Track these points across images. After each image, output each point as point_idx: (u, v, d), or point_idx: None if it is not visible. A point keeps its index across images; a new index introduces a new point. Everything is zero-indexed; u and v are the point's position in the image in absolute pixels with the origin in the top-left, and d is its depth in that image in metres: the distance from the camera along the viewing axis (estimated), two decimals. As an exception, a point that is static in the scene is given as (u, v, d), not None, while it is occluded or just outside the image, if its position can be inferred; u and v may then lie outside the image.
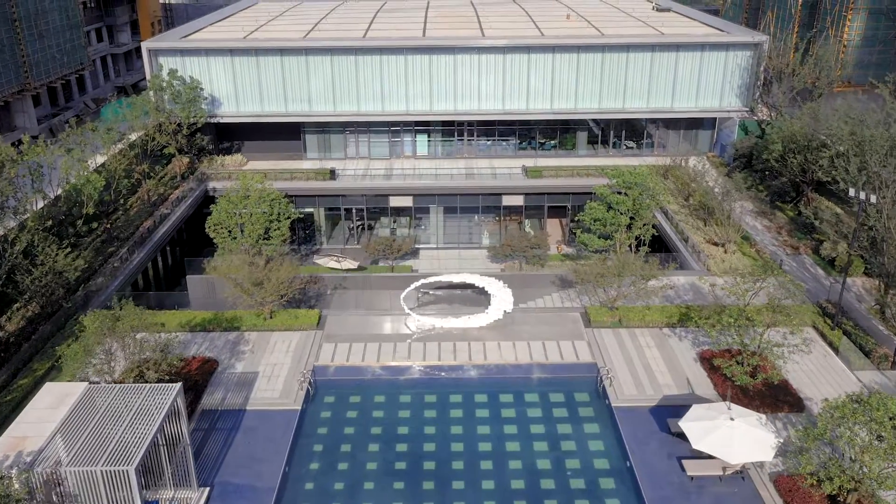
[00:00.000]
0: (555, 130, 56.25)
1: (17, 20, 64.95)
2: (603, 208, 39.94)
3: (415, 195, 51.72)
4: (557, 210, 53.16)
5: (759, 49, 51.67)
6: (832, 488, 21.16)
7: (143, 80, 54.49)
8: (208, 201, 46.57)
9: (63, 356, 25.63)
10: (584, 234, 40.69)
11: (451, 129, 55.84)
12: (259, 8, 70.09)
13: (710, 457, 23.79)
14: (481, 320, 33.62)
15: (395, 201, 52.14)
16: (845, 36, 72.05)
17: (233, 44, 52.33)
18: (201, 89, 50.82)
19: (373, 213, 53.44)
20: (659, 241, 44.53)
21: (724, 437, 22.96)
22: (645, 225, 38.99)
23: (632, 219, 39.28)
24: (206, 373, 29.63)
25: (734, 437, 22.86)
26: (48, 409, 21.49)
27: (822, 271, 38.56)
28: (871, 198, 30.46)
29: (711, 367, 29.56)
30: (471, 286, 36.37)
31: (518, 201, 52.24)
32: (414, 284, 35.67)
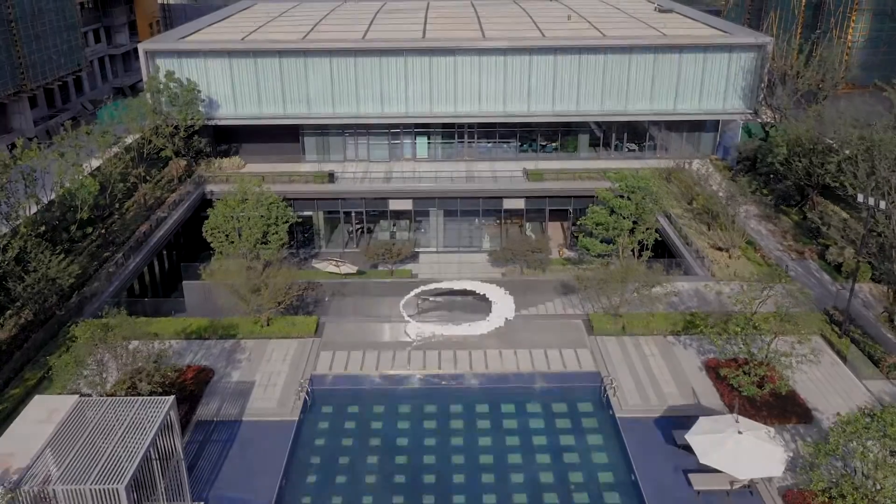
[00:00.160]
0: (556, 133, 55.66)
1: (14, 21, 64.37)
2: (605, 212, 39.34)
3: (414, 198, 51.13)
4: (559, 213, 52.57)
5: (763, 51, 51.05)
6: (844, 506, 20.57)
7: (140, 81, 53.85)
8: (206, 205, 45.95)
9: (53, 368, 25.02)
10: (586, 238, 40.07)
11: (452, 132, 55.24)
12: (257, 9, 69.47)
13: (718, 470, 23.18)
14: (482, 328, 33.02)
15: (394, 204, 51.57)
16: (850, 37, 71.43)
17: (231, 45, 51.71)
18: (199, 91, 50.21)
19: (372, 216, 52.86)
20: (662, 246, 43.92)
21: (732, 451, 22.35)
22: (648, 229, 38.39)
23: (634, 223, 38.67)
24: (201, 382, 29.02)
25: (742, 452, 22.25)
26: (37, 424, 20.84)
27: (827, 277, 37.95)
28: (881, 204, 29.86)
29: (717, 376, 28.95)
30: (471, 293, 35.77)
31: (519, 204, 51.66)
32: (413, 291, 35.08)
